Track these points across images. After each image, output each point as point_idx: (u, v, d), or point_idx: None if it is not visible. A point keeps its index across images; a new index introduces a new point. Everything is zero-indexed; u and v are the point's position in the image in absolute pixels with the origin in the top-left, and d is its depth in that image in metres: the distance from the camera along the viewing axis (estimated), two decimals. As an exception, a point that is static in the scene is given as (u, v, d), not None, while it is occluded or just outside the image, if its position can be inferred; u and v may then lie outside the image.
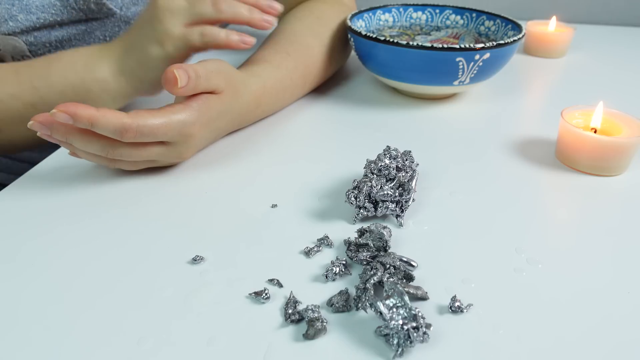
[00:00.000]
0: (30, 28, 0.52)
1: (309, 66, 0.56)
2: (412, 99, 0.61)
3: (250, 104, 0.49)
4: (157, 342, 0.29)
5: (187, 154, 0.44)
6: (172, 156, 0.43)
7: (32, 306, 0.31)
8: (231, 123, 0.48)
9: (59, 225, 0.38)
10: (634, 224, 0.39)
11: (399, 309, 0.28)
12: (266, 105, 0.52)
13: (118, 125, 0.38)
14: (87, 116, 0.37)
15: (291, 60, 0.54)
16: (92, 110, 0.37)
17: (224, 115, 0.46)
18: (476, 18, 0.67)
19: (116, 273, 0.34)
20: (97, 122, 0.37)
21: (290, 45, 0.55)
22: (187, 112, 0.41)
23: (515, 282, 0.33)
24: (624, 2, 0.96)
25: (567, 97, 0.63)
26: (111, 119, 0.37)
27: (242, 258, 0.35)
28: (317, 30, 0.59)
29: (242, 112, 0.48)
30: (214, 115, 0.44)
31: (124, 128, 0.38)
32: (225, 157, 0.48)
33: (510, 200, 0.42)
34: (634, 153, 0.45)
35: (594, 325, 0.30)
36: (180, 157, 0.44)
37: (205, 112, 0.43)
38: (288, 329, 0.30)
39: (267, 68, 0.51)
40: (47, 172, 0.45)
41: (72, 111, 0.37)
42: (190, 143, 0.43)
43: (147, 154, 0.41)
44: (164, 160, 0.44)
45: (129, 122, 0.38)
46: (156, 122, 0.39)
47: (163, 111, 0.40)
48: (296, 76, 0.55)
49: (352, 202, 0.38)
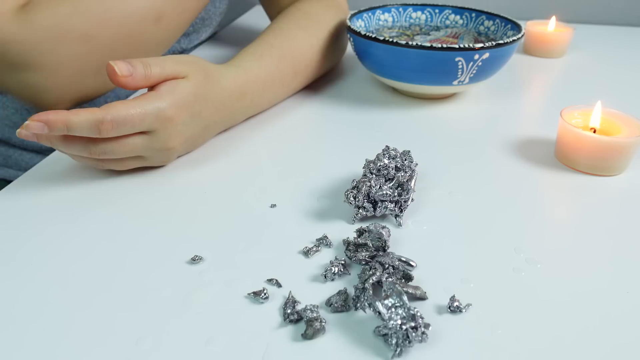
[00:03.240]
0: None
1: (298, 57, 0.56)
2: (411, 99, 0.61)
3: (233, 92, 0.48)
4: (156, 342, 0.29)
5: (171, 143, 0.43)
6: (157, 147, 0.42)
7: (30, 306, 0.31)
8: (216, 111, 0.47)
9: (57, 225, 0.38)
10: (633, 224, 0.39)
11: (398, 309, 0.28)
12: (254, 95, 0.51)
13: (92, 120, 0.38)
14: (60, 120, 0.37)
15: (275, 50, 0.54)
16: (64, 113, 0.37)
17: (203, 100, 0.45)
18: (475, 18, 0.67)
19: (115, 273, 0.34)
20: (72, 123, 0.37)
21: (274, 38, 0.55)
22: (157, 96, 0.41)
23: (514, 282, 0.33)
24: (624, 2, 0.96)
25: (566, 97, 0.63)
26: (85, 116, 0.38)
27: (241, 258, 0.35)
28: (303, 24, 0.59)
29: (224, 100, 0.47)
30: (189, 99, 0.43)
31: (99, 121, 0.38)
32: (225, 156, 0.48)
33: (510, 200, 0.42)
34: (633, 153, 0.45)
35: (593, 325, 0.30)
36: (166, 147, 0.43)
37: (176, 94, 0.42)
38: (287, 329, 0.30)
39: (248, 58, 0.51)
40: (46, 172, 0.45)
41: (45, 119, 0.37)
42: (171, 129, 0.42)
43: (130, 147, 0.41)
44: (151, 156, 0.43)
45: (103, 114, 0.38)
46: (131, 111, 0.39)
47: (135, 100, 0.40)
48: (284, 66, 0.54)
49: (351, 202, 0.38)
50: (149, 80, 0.41)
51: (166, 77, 0.42)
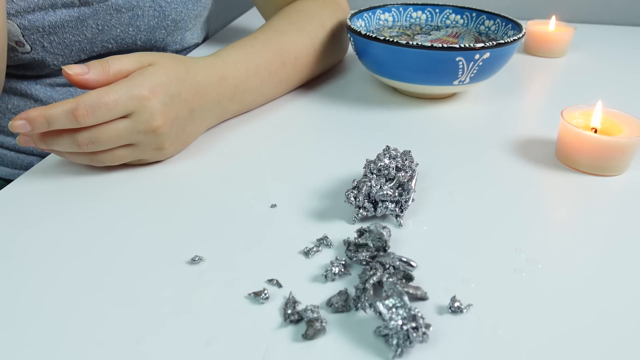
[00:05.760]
0: (24, 10, 0.53)
1: (286, 47, 0.56)
2: (411, 99, 0.61)
3: (211, 75, 0.48)
4: (156, 342, 0.29)
5: (155, 122, 0.42)
6: (141, 128, 0.42)
7: (29, 305, 0.31)
8: (197, 95, 0.47)
9: (56, 225, 0.38)
10: (634, 224, 0.39)
11: (399, 309, 0.28)
12: (237, 80, 0.51)
13: (67, 108, 0.39)
14: (38, 114, 0.39)
15: (258, 41, 0.54)
16: (42, 108, 0.39)
17: (177, 81, 0.45)
18: (476, 17, 0.67)
19: (115, 273, 0.34)
20: (49, 116, 0.39)
21: (260, 33, 0.56)
22: (128, 79, 0.42)
23: (515, 282, 0.33)
24: (624, 2, 0.96)
25: (567, 96, 0.63)
26: (60, 107, 0.39)
27: (241, 258, 0.35)
28: (293, 19, 0.59)
29: (204, 83, 0.47)
30: (162, 79, 0.43)
31: (73, 108, 0.39)
32: (225, 156, 0.48)
33: (510, 201, 0.42)
34: (634, 153, 0.45)
35: (594, 325, 0.30)
36: (151, 127, 0.42)
37: (147, 74, 0.43)
38: (287, 329, 0.30)
39: (227, 48, 0.52)
40: (45, 172, 0.45)
41: (25, 116, 0.39)
42: (151, 107, 0.42)
43: (114, 132, 0.41)
44: (141, 142, 0.43)
45: (76, 101, 0.39)
46: (103, 95, 0.40)
47: (108, 86, 0.41)
48: (268, 54, 0.54)
49: (351, 202, 0.38)
50: (107, 75, 0.42)
51: (128, 70, 0.43)
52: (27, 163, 0.64)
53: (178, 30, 0.67)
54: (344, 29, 0.64)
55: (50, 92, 0.61)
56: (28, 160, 0.64)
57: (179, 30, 0.67)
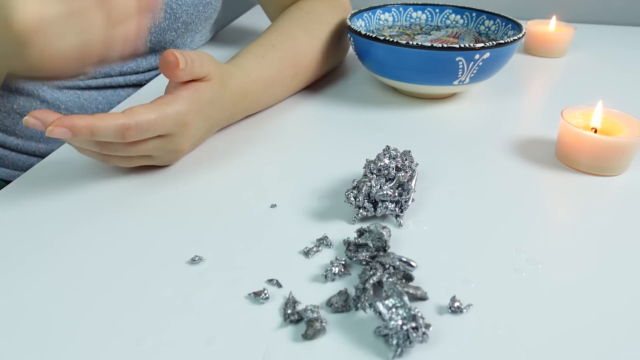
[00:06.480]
0: None
1: (298, 57, 0.56)
2: (411, 99, 0.61)
3: (237, 95, 0.49)
4: (156, 342, 0.29)
5: (183, 145, 0.44)
6: (169, 149, 0.43)
7: (30, 306, 0.31)
8: (221, 113, 0.48)
9: (56, 226, 0.38)
10: (634, 224, 0.39)
11: (399, 309, 0.28)
12: (254, 96, 0.52)
13: (118, 126, 0.37)
14: (85, 125, 0.36)
15: (276, 51, 0.54)
16: (89, 118, 0.37)
17: (214, 103, 0.45)
18: (476, 17, 0.67)
19: (114, 273, 0.34)
20: (97, 129, 0.37)
21: (275, 38, 0.56)
22: (179, 101, 0.42)
23: (515, 283, 0.33)
24: (624, 2, 0.96)
25: (567, 96, 0.63)
26: (110, 122, 0.37)
27: (241, 258, 0.35)
28: (304, 24, 0.59)
29: (229, 103, 0.48)
30: (204, 103, 0.44)
31: (125, 127, 0.38)
32: (224, 157, 0.48)
33: (510, 200, 0.42)
34: (634, 153, 0.45)
35: (594, 325, 0.30)
36: (177, 149, 0.44)
37: (196, 99, 0.43)
38: (287, 329, 0.30)
39: (250, 59, 0.52)
40: (45, 172, 0.45)
41: (69, 124, 0.36)
42: (186, 133, 0.43)
43: (144, 148, 0.41)
44: (160, 156, 0.43)
45: (128, 121, 0.38)
46: (152, 117, 0.39)
47: (156, 104, 0.40)
48: (284, 67, 0.54)
49: (351, 202, 0.38)
50: (191, 76, 0.42)
51: (199, 75, 0.43)
52: (28, 165, 0.64)
53: (188, 33, 0.67)
54: (346, 30, 0.64)
55: (57, 94, 0.61)
56: (29, 161, 0.64)
57: (189, 33, 0.67)
